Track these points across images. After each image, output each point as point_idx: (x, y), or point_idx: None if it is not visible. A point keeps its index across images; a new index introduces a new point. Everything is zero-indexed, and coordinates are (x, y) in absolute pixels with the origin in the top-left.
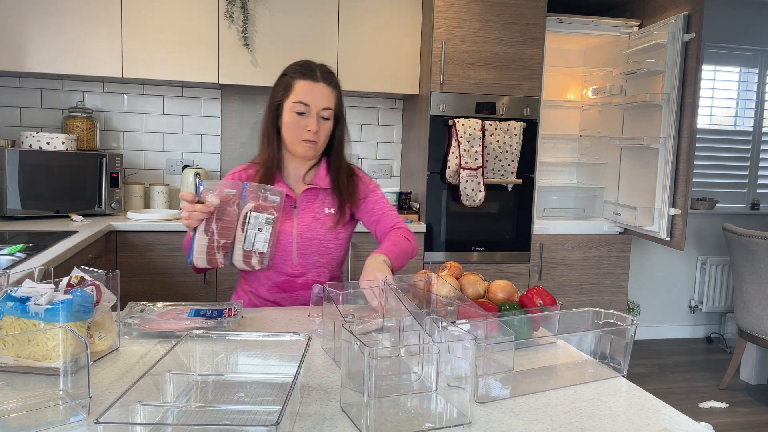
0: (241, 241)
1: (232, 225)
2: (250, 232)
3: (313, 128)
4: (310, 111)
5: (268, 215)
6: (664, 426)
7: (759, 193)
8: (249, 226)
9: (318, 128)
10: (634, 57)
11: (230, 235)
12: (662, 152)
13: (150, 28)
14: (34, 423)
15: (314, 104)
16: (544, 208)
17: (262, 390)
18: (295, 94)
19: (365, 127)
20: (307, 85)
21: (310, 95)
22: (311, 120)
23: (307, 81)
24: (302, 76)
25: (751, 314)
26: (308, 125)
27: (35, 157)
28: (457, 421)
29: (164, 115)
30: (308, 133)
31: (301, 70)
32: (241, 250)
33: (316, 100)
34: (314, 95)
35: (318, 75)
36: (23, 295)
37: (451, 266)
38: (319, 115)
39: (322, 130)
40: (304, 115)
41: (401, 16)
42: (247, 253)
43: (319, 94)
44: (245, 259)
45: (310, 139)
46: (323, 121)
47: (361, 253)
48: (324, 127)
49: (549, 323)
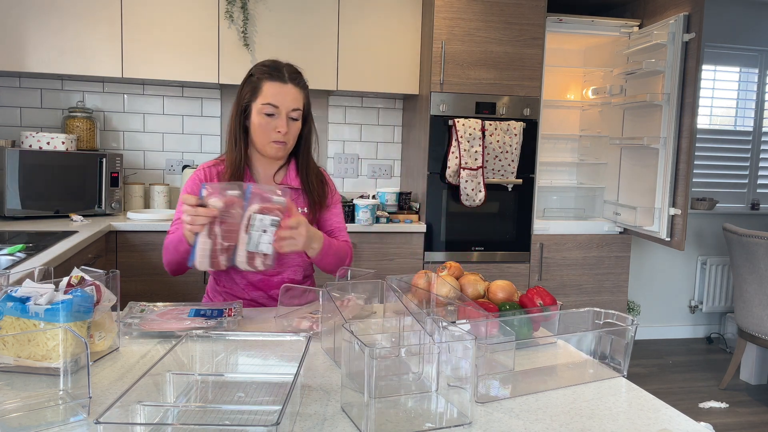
0: (245, 242)
1: (235, 227)
2: (254, 233)
3: (282, 129)
4: (279, 113)
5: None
6: (664, 426)
7: (759, 193)
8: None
9: (287, 129)
10: (634, 57)
11: (234, 238)
12: (662, 152)
13: (150, 28)
14: (34, 423)
15: (283, 106)
16: (544, 208)
17: (262, 390)
18: (263, 95)
19: (365, 127)
20: (275, 87)
21: (279, 97)
22: (280, 121)
23: (275, 82)
24: (270, 78)
25: (751, 314)
26: (277, 126)
27: (35, 157)
28: (457, 421)
29: (164, 115)
30: (278, 134)
31: (269, 72)
32: (244, 251)
33: (285, 101)
34: (283, 97)
35: (286, 76)
36: (23, 295)
37: (451, 266)
38: (288, 116)
39: (291, 130)
40: (273, 116)
41: (401, 16)
42: (251, 254)
43: (287, 96)
44: (249, 260)
45: (280, 140)
46: (292, 122)
47: (361, 253)
48: (293, 127)
49: (549, 323)
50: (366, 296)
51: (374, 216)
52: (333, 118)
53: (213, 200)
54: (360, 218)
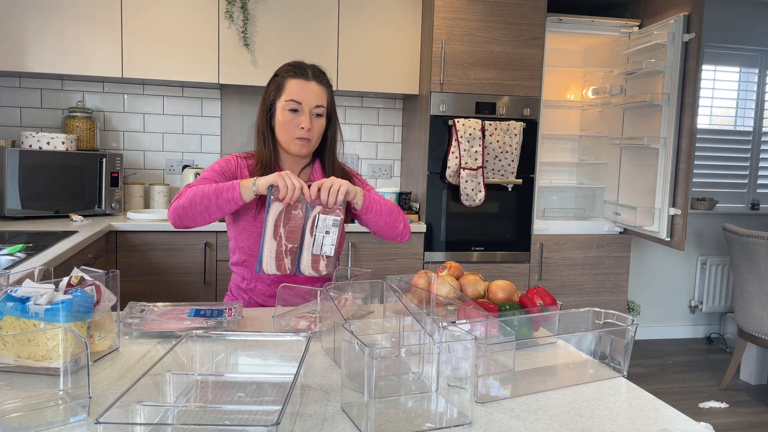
0: (310, 244)
1: (297, 229)
2: (318, 235)
3: (306, 125)
4: (303, 109)
5: (335, 217)
6: (664, 426)
7: (759, 193)
8: (317, 229)
9: (311, 125)
10: (634, 57)
11: (296, 239)
12: (662, 152)
13: (150, 28)
14: (34, 423)
15: (306, 102)
16: (544, 208)
17: (262, 390)
18: (287, 93)
19: (365, 127)
20: (298, 84)
21: (302, 93)
22: (304, 118)
23: (299, 80)
24: (294, 75)
25: (751, 314)
26: (301, 123)
27: (35, 157)
28: (457, 421)
29: (164, 115)
30: (301, 130)
31: (293, 70)
32: (309, 254)
33: (308, 98)
34: (306, 93)
35: (309, 74)
36: (23, 295)
37: (451, 266)
38: (311, 112)
39: (314, 127)
40: (296, 113)
41: (401, 16)
42: (315, 257)
43: (310, 92)
44: (314, 264)
45: (304, 136)
46: (316, 119)
47: (361, 253)
48: (316, 124)
49: (549, 323)
50: (364, 296)
51: None
52: None
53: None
54: None
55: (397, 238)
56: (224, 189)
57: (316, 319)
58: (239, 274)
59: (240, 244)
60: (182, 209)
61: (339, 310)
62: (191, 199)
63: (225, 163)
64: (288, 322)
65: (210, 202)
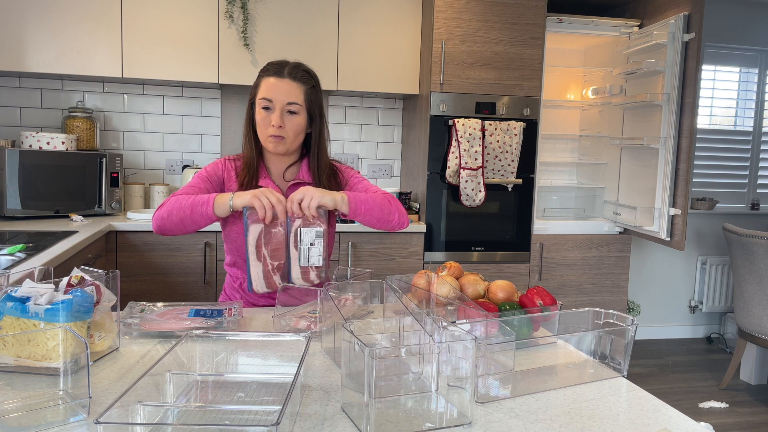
0: (297, 259)
1: (280, 246)
2: (303, 248)
3: (276, 123)
4: (274, 106)
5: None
6: (664, 426)
7: (759, 193)
8: (301, 243)
9: (282, 123)
10: (634, 57)
11: (281, 256)
12: (662, 152)
13: (150, 28)
14: (34, 423)
15: (277, 99)
16: (544, 208)
17: (262, 390)
18: (261, 91)
19: (365, 127)
20: (271, 81)
21: (273, 91)
22: (275, 115)
23: (273, 78)
24: (269, 74)
25: (751, 314)
26: (272, 120)
27: (35, 157)
28: (457, 421)
29: (164, 115)
30: (272, 128)
31: (270, 68)
32: (298, 267)
33: (279, 94)
34: (277, 90)
35: (285, 71)
36: (23, 295)
37: (451, 266)
38: (284, 110)
39: (288, 125)
40: (269, 110)
41: (401, 16)
42: (305, 269)
43: (282, 89)
44: (304, 276)
45: (275, 134)
46: (289, 116)
47: (361, 253)
48: (291, 122)
49: (549, 323)
50: (364, 296)
51: None
52: (333, 118)
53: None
54: None
55: (394, 228)
56: (198, 203)
57: (316, 319)
58: (232, 275)
59: (231, 246)
60: (161, 219)
61: (339, 310)
62: (169, 210)
63: (213, 168)
64: (288, 322)
65: (185, 214)
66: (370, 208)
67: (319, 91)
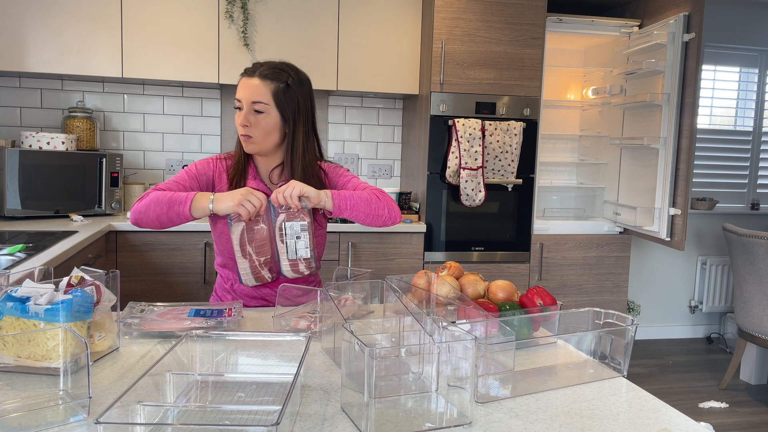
0: (284, 252)
1: (265, 241)
2: (289, 242)
3: (241, 122)
4: (243, 105)
5: (301, 222)
6: (664, 426)
7: (759, 193)
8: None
9: (248, 122)
10: (634, 57)
11: (267, 251)
12: (662, 152)
13: (150, 28)
14: (34, 423)
15: (244, 98)
16: (544, 208)
17: (262, 390)
18: (236, 91)
19: (365, 127)
20: (242, 81)
21: (242, 90)
22: (242, 114)
23: (244, 77)
24: (243, 74)
25: (751, 314)
26: (240, 119)
27: (35, 157)
28: (457, 421)
29: (164, 115)
30: (241, 127)
31: (248, 69)
32: (287, 260)
33: (246, 94)
34: (244, 90)
35: (256, 71)
36: (23, 295)
37: (451, 266)
38: (250, 109)
39: (255, 124)
40: (240, 110)
41: (401, 16)
42: (293, 261)
43: (248, 88)
44: (293, 267)
45: (243, 133)
46: (254, 115)
47: (361, 253)
48: (258, 121)
49: (549, 323)
50: (364, 296)
51: None
52: (333, 118)
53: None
54: None
55: (386, 223)
56: (176, 202)
57: (316, 319)
58: (223, 276)
59: (220, 247)
60: (138, 213)
61: (339, 310)
62: (147, 205)
63: (203, 167)
64: (288, 322)
65: (161, 211)
66: (356, 203)
67: (298, 90)
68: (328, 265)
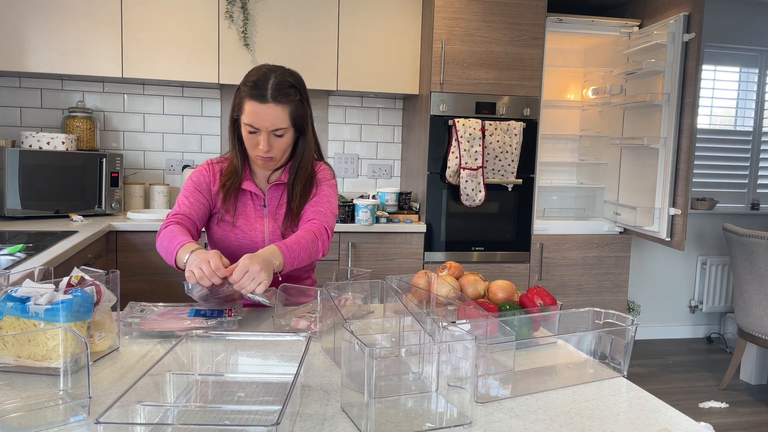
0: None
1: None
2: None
3: (264, 147)
4: (260, 132)
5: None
6: (664, 426)
7: (759, 193)
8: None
9: (269, 146)
10: (634, 57)
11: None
12: (662, 152)
13: (150, 28)
14: (34, 423)
15: (263, 126)
16: (544, 208)
17: (262, 390)
18: (245, 114)
19: (365, 127)
20: (254, 107)
21: (258, 118)
22: (262, 140)
23: (255, 102)
24: (250, 97)
25: (751, 314)
26: (259, 143)
27: (35, 157)
28: (457, 421)
29: (164, 115)
30: (260, 150)
31: (251, 89)
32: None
33: (264, 122)
34: (262, 118)
35: (267, 94)
36: (23, 295)
37: (451, 266)
38: (269, 134)
39: (275, 146)
40: (255, 134)
41: (401, 16)
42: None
43: (266, 116)
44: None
45: (263, 156)
46: (276, 139)
47: (361, 253)
48: (278, 143)
49: (549, 323)
50: (364, 296)
51: (374, 216)
52: (333, 118)
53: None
54: (360, 218)
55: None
56: (169, 251)
57: (316, 319)
58: None
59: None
60: (157, 246)
61: (339, 310)
62: (159, 242)
63: (198, 176)
64: (288, 322)
65: (164, 253)
66: (300, 256)
67: (305, 101)
68: (328, 265)
